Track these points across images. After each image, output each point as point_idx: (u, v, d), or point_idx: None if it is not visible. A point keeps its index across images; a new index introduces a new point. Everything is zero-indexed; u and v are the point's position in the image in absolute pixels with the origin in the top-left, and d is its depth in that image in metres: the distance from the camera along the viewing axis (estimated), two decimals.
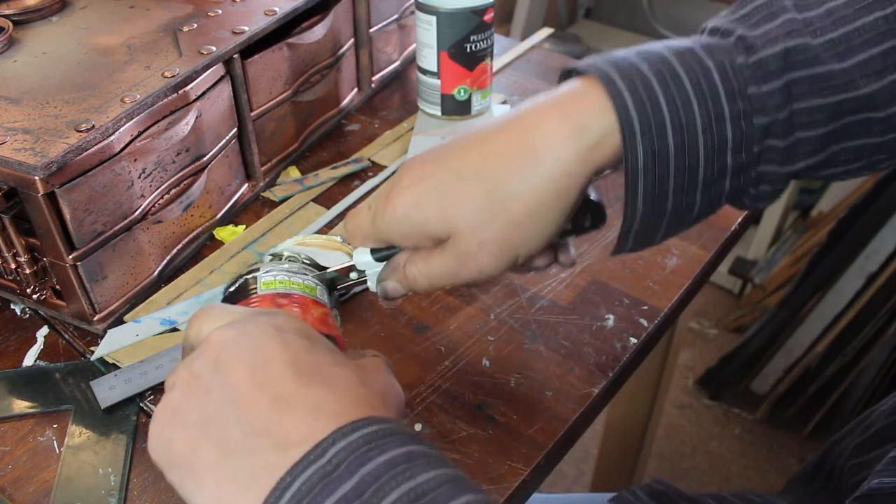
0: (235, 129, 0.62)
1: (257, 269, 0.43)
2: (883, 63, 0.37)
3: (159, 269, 0.58)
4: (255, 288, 0.41)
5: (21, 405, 0.50)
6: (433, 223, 0.40)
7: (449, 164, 0.40)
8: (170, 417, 0.34)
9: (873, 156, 0.40)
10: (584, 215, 0.44)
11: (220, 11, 0.63)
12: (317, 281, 0.43)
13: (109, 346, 0.53)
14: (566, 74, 0.41)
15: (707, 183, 0.38)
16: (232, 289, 0.43)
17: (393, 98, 0.80)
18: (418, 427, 0.48)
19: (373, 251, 0.44)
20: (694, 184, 0.38)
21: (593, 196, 0.43)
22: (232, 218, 0.65)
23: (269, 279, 0.42)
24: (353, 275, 0.45)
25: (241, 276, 0.43)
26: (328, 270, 0.45)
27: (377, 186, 0.67)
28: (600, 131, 0.37)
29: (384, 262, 0.44)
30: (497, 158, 0.39)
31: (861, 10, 0.37)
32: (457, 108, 0.72)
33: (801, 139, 0.38)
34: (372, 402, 0.33)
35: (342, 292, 0.46)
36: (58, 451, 0.47)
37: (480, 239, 0.39)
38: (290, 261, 0.44)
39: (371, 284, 0.45)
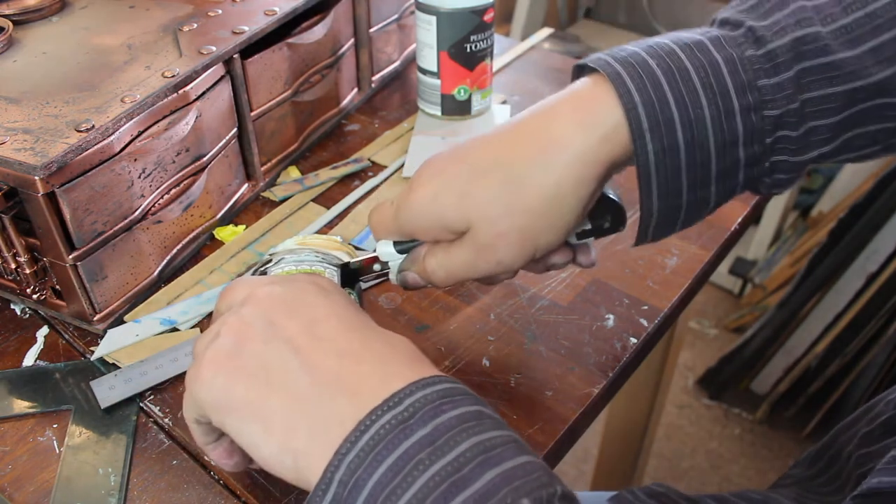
0: (235, 129, 0.62)
1: (270, 261, 0.44)
2: (895, 48, 0.36)
3: (159, 269, 0.58)
4: None
5: (21, 405, 0.50)
6: (452, 215, 0.40)
7: (468, 159, 0.40)
8: (225, 362, 0.34)
9: (889, 139, 0.40)
10: (603, 216, 0.44)
11: (220, 11, 0.63)
12: (326, 265, 0.44)
13: (109, 346, 0.53)
14: (578, 70, 0.42)
15: (720, 176, 0.38)
16: None
17: (393, 98, 0.80)
18: None
19: (395, 243, 0.45)
20: (707, 178, 0.38)
21: (613, 196, 0.43)
22: (232, 218, 0.65)
23: (277, 270, 0.44)
24: (377, 266, 0.46)
25: (256, 269, 0.44)
26: (353, 261, 0.46)
27: (377, 186, 0.67)
28: (611, 126, 0.37)
29: (406, 254, 0.45)
30: (514, 149, 0.39)
31: None
32: (457, 108, 0.72)
33: (814, 128, 0.38)
34: (423, 362, 0.35)
35: (367, 281, 0.47)
36: (58, 451, 0.47)
37: (498, 230, 0.39)
38: (302, 251, 0.45)
39: (392, 276, 0.46)
